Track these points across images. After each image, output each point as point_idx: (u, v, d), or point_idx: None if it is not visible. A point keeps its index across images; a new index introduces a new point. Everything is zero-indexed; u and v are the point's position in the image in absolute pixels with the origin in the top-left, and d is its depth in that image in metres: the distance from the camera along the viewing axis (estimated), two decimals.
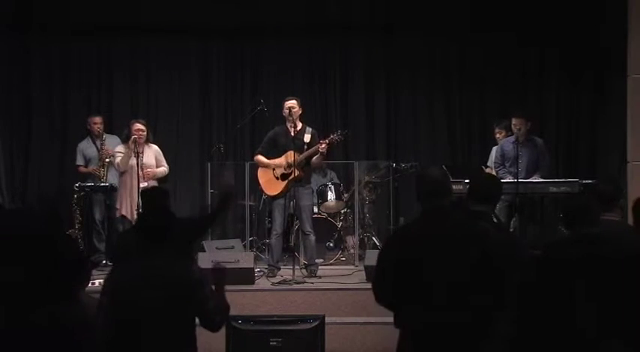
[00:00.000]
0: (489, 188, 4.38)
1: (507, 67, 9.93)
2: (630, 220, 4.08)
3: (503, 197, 7.83)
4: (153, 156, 8.14)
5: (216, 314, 3.82)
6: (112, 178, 8.57)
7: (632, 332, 3.50)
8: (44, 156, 9.81)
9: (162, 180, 8.25)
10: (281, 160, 7.66)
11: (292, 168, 7.52)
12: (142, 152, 8.00)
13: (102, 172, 8.58)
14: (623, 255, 3.65)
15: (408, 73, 10.07)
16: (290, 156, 7.52)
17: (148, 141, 8.16)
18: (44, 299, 2.66)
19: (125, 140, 8.17)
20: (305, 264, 7.76)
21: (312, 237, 7.70)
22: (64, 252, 3.00)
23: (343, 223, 8.92)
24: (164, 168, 8.26)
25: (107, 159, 8.53)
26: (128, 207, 8.00)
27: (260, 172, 7.82)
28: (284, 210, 7.70)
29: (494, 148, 8.89)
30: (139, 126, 8.03)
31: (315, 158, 7.65)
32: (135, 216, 7.85)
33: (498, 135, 8.81)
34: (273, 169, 7.70)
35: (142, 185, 7.78)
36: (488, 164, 8.89)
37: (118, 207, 8.15)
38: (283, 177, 7.65)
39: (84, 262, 4.75)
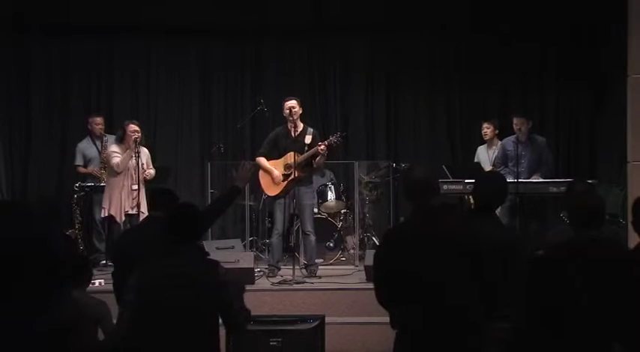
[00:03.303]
0: (491, 199, 4.34)
1: (507, 67, 9.94)
2: (630, 219, 4.07)
3: None
4: (144, 158, 8.07)
5: (240, 315, 3.84)
6: None
7: (633, 334, 3.50)
8: (44, 156, 9.81)
9: (149, 181, 8.17)
10: (279, 164, 7.65)
11: (292, 169, 7.52)
12: (138, 153, 7.98)
13: (103, 174, 8.56)
14: (627, 257, 3.66)
15: (408, 73, 10.08)
16: (290, 156, 7.52)
17: (140, 142, 8.09)
18: (43, 303, 2.65)
19: (119, 140, 8.08)
20: (305, 263, 7.76)
21: (313, 237, 7.70)
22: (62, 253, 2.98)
23: (343, 223, 8.92)
24: (152, 171, 8.19)
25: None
26: (117, 207, 7.91)
27: (261, 173, 7.81)
28: (285, 209, 7.70)
29: (480, 148, 8.93)
30: (134, 127, 7.97)
31: (317, 159, 7.66)
32: (123, 217, 7.80)
33: (486, 131, 8.84)
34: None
35: (134, 187, 7.74)
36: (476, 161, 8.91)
37: (104, 206, 7.94)
38: (283, 177, 7.64)
39: (85, 263, 4.77)
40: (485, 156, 8.82)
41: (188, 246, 3.81)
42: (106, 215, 7.95)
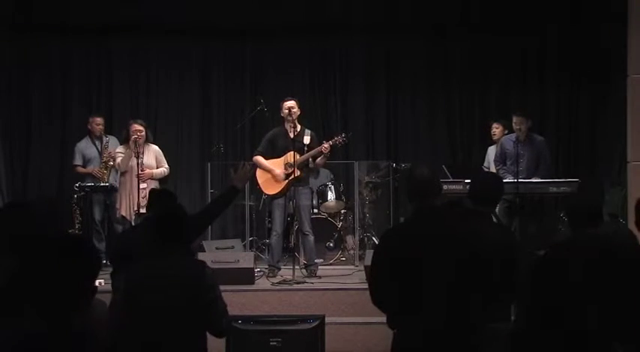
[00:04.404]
0: (489, 190, 4.37)
1: (507, 66, 9.94)
2: (632, 219, 4.07)
3: (503, 197, 7.85)
4: (153, 156, 8.10)
5: (222, 317, 3.82)
6: (112, 179, 8.57)
7: (632, 333, 3.50)
8: (44, 156, 9.80)
9: (162, 180, 8.22)
10: (280, 162, 7.64)
11: (293, 169, 7.51)
12: (142, 152, 7.97)
13: (105, 174, 8.56)
14: (629, 256, 3.66)
15: (408, 73, 10.07)
16: (290, 156, 7.52)
17: (147, 141, 8.12)
18: (76, 304, 2.64)
19: (124, 141, 8.15)
20: (305, 263, 7.75)
21: (311, 237, 7.69)
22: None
23: (343, 223, 8.92)
24: (163, 169, 8.21)
25: (110, 163, 8.48)
26: (127, 207, 7.97)
27: (259, 172, 7.80)
28: (284, 209, 7.70)
29: (490, 148, 8.91)
30: (137, 126, 7.99)
31: (318, 159, 7.66)
32: (133, 217, 7.83)
33: (495, 131, 8.84)
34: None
35: (141, 186, 7.77)
36: (485, 165, 8.90)
37: (117, 207, 8.11)
38: (285, 176, 7.63)
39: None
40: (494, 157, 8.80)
41: (175, 248, 3.79)
42: (120, 215, 8.02)
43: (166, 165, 8.24)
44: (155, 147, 8.19)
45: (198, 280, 3.74)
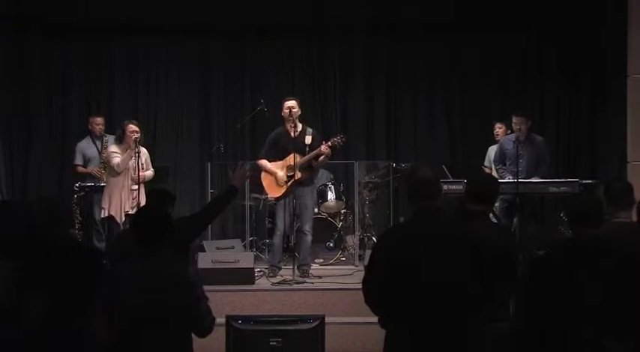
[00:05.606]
0: (485, 188, 4.37)
1: (507, 67, 9.94)
2: (634, 218, 4.08)
3: (503, 197, 7.87)
4: (143, 158, 8.05)
5: (206, 317, 3.78)
6: None
7: (631, 332, 3.51)
8: (44, 156, 9.80)
9: (147, 183, 8.12)
10: (281, 165, 7.64)
11: (294, 171, 7.50)
12: (138, 153, 7.94)
13: (103, 174, 8.54)
14: (625, 256, 3.66)
15: (408, 73, 10.08)
16: (291, 159, 7.51)
17: (139, 142, 8.06)
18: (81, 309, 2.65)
19: (118, 140, 8.06)
20: (298, 264, 7.72)
21: (309, 238, 7.67)
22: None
23: (343, 223, 8.92)
24: (151, 172, 8.15)
25: (110, 162, 8.42)
26: (117, 207, 7.88)
27: (263, 174, 7.80)
28: (287, 209, 7.68)
29: (491, 148, 8.91)
30: (134, 127, 7.94)
31: (320, 158, 7.65)
32: (123, 217, 7.78)
33: (498, 131, 8.85)
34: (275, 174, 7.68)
35: (133, 187, 7.73)
36: (485, 164, 8.91)
37: (104, 206, 7.86)
38: (287, 179, 7.62)
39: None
40: None
41: (158, 247, 3.77)
42: (106, 215, 7.92)
43: (152, 169, 8.17)
44: (144, 150, 8.13)
45: (179, 281, 3.71)
